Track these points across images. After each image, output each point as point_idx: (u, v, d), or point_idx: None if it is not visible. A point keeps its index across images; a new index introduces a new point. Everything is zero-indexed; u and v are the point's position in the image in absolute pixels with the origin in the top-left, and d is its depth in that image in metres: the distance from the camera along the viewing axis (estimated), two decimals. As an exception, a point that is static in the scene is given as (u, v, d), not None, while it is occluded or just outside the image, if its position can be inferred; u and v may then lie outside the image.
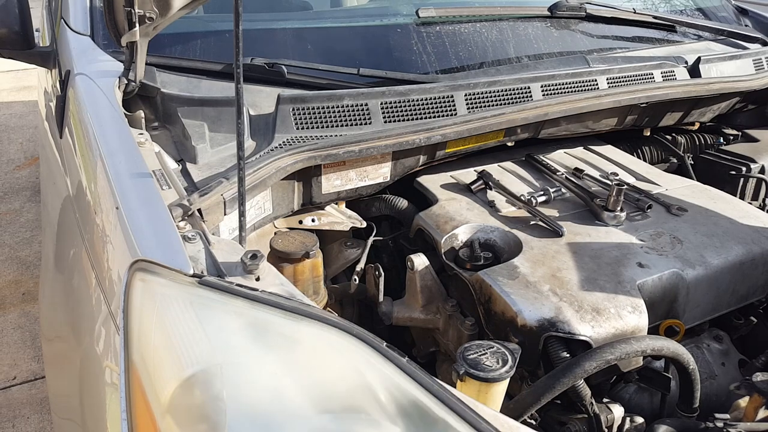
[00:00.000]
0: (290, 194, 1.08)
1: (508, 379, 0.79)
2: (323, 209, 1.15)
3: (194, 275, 0.67)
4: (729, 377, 1.05)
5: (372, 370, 0.62)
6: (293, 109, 1.07)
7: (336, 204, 1.17)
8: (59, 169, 1.20)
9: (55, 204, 1.21)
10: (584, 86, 1.34)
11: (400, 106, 1.14)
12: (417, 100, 1.16)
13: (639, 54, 1.52)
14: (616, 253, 1.02)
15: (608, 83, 1.36)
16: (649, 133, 1.56)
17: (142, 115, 1.03)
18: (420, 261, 1.06)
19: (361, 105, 1.11)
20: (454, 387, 0.74)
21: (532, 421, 0.92)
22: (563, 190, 1.20)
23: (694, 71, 1.49)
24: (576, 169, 1.28)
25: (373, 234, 1.19)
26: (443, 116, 1.17)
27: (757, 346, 1.12)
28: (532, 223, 1.10)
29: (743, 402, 0.95)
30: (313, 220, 1.12)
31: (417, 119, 1.15)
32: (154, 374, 0.61)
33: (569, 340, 0.89)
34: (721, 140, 1.59)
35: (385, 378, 0.62)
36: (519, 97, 1.25)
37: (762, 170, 1.44)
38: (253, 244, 1.02)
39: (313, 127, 1.08)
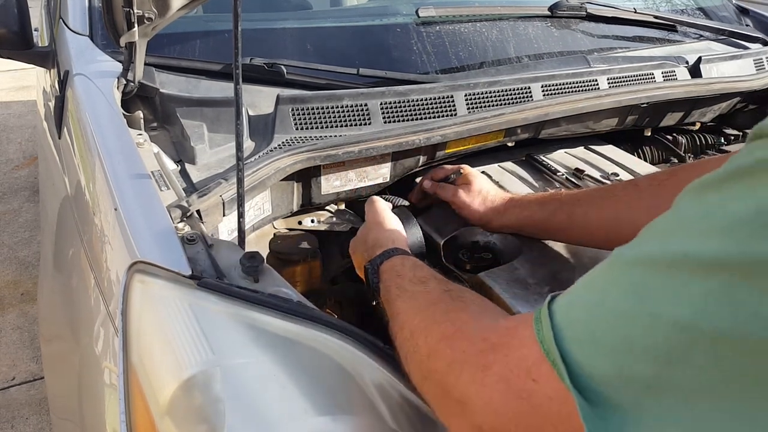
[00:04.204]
0: (289, 195, 1.08)
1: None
2: (323, 210, 1.15)
3: (193, 277, 0.67)
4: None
5: (371, 371, 0.62)
6: (292, 110, 1.07)
7: (335, 205, 1.17)
8: (58, 169, 1.19)
9: (54, 204, 1.21)
10: (585, 86, 1.33)
11: (400, 107, 1.14)
12: (417, 101, 1.16)
13: (640, 54, 1.52)
14: (617, 254, 1.01)
15: (609, 83, 1.35)
16: (649, 133, 1.56)
17: (141, 115, 1.02)
18: (420, 262, 1.05)
19: (361, 105, 1.11)
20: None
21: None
22: (564, 190, 1.20)
23: (694, 71, 1.49)
24: (576, 169, 1.28)
25: None
26: (443, 116, 1.17)
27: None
28: (532, 223, 1.10)
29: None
30: (312, 221, 1.11)
31: (417, 119, 1.15)
32: (152, 376, 0.61)
33: None
34: (722, 140, 1.59)
35: (384, 379, 0.62)
36: (519, 97, 1.25)
37: (762, 170, 1.43)
38: (252, 245, 1.01)
39: (312, 128, 1.08)
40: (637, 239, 0.43)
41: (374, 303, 0.77)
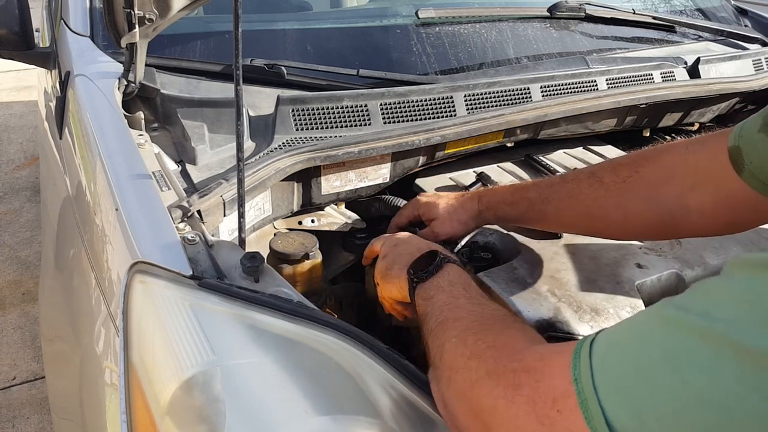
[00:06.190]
0: (290, 195, 1.08)
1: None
2: (323, 210, 1.15)
3: (194, 277, 0.67)
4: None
5: (371, 371, 0.63)
6: (293, 110, 1.08)
7: (335, 205, 1.17)
8: (59, 169, 1.20)
9: (55, 204, 1.21)
10: (584, 87, 1.34)
11: (400, 107, 1.14)
12: (416, 101, 1.16)
13: (638, 55, 1.52)
14: (615, 254, 1.02)
15: (608, 84, 1.36)
16: (648, 134, 1.56)
17: (142, 116, 1.03)
18: (419, 262, 1.06)
19: (361, 106, 1.11)
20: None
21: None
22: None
23: (693, 72, 1.49)
24: (575, 169, 1.28)
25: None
26: (443, 117, 1.17)
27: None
28: (531, 224, 1.10)
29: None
30: (312, 221, 1.12)
31: (416, 120, 1.15)
32: (153, 376, 0.62)
33: (568, 341, 0.89)
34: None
35: (384, 379, 0.62)
36: (518, 98, 1.25)
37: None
38: (252, 246, 1.02)
39: (312, 128, 1.08)
40: (687, 299, 0.43)
41: (415, 283, 0.78)
